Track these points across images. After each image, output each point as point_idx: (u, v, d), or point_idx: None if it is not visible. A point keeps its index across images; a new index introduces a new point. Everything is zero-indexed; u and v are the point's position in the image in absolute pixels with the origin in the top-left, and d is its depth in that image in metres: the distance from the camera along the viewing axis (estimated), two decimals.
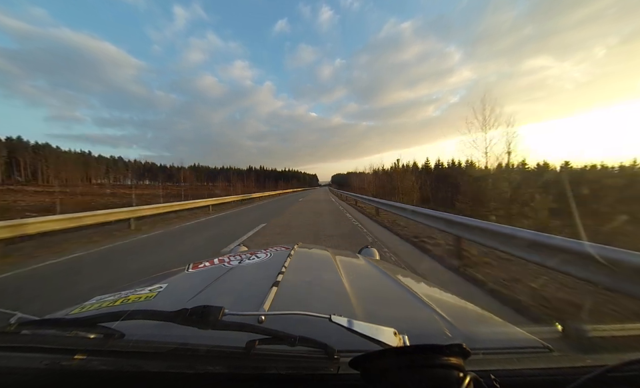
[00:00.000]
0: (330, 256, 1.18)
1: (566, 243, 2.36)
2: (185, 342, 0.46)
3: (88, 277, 3.90)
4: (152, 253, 5.31)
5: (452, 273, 3.75)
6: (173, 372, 0.43)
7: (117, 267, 4.33)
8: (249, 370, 0.44)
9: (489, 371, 0.42)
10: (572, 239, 2.35)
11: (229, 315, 0.47)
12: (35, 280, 3.77)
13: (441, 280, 3.44)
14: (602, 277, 2.01)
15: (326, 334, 0.47)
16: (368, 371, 0.38)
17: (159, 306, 0.69)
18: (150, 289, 0.79)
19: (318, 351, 0.45)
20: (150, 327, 0.52)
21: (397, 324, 0.50)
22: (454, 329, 0.61)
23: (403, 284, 0.92)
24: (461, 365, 0.37)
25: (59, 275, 3.97)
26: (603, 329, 0.70)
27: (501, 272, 3.54)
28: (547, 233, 2.69)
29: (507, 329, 0.68)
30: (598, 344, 0.66)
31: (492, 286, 3.10)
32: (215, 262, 1.04)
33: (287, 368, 0.43)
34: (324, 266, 1.11)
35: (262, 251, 1.22)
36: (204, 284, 0.80)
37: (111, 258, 4.93)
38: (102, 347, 0.46)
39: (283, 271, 0.85)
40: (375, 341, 0.45)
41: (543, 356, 0.55)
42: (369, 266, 1.16)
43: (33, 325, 0.51)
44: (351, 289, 0.80)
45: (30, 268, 4.27)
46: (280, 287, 0.72)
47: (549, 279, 3.09)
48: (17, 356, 0.45)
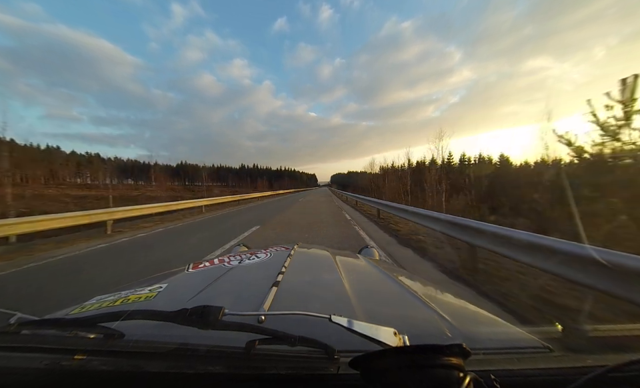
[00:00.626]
0: (330, 256, 1.18)
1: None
2: (185, 342, 0.46)
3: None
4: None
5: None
6: (172, 372, 0.43)
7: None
8: (249, 370, 0.44)
9: (489, 371, 0.42)
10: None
11: (229, 315, 0.47)
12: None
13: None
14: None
15: (326, 334, 0.47)
16: (368, 371, 0.38)
17: (159, 306, 0.69)
18: (150, 288, 0.79)
19: (318, 351, 0.45)
20: (150, 327, 0.52)
21: (397, 324, 0.50)
22: (454, 329, 0.61)
23: (402, 284, 0.92)
24: (461, 365, 0.37)
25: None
26: (603, 329, 0.70)
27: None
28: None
29: (507, 329, 0.68)
30: (598, 344, 0.66)
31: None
32: (215, 262, 1.04)
33: (286, 368, 0.43)
34: (324, 266, 1.11)
35: (262, 251, 1.22)
36: (204, 284, 0.80)
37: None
38: (102, 347, 0.46)
39: (282, 271, 0.85)
40: (374, 341, 0.45)
41: (543, 356, 0.55)
42: (369, 266, 1.16)
43: (33, 325, 0.51)
44: (351, 289, 0.80)
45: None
46: (280, 287, 0.72)
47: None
48: (17, 356, 0.45)
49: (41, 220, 6.32)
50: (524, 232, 2.72)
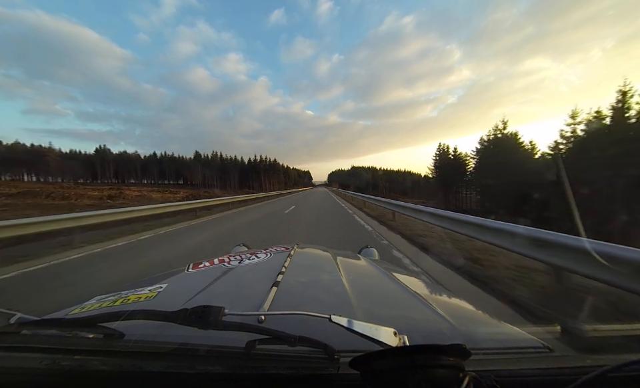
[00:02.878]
0: (330, 256, 1.18)
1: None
2: (185, 342, 0.46)
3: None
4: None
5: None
6: (173, 372, 0.43)
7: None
8: (248, 370, 0.44)
9: (489, 371, 0.42)
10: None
11: (229, 315, 0.47)
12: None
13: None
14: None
15: (326, 334, 0.47)
16: (368, 371, 0.38)
17: (159, 306, 0.69)
18: (150, 289, 0.79)
19: (318, 351, 0.45)
20: (150, 327, 0.52)
21: (397, 324, 0.50)
22: (454, 329, 0.61)
23: (402, 284, 0.92)
24: (461, 365, 0.37)
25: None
26: (603, 329, 0.70)
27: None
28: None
29: (507, 329, 0.68)
30: (598, 344, 0.66)
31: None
32: (214, 262, 1.04)
33: (286, 368, 0.43)
34: (324, 266, 1.11)
35: (262, 251, 1.22)
36: (204, 284, 0.80)
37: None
38: (102, 347, 0.47)
39: (283, 271, 0.85)
40: (374, 341, 0.45)
41: (543, 356, 0.56)
42: (369, 266, 1.16)
43: (33, 325, 0.51)
44: (351, 289, 0.80)
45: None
46: (280, 287, 0.72)
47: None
48: (17, 356, 0.45)
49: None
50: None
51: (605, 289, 2.37)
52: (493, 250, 4.28)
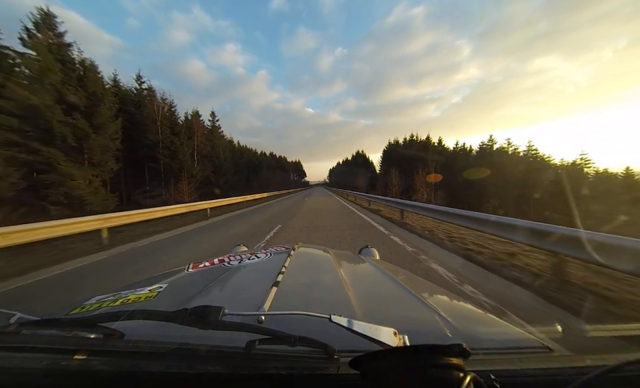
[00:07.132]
0: (330, 256, 1.18)
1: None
2: (185, 342, 0.46)
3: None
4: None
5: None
6: (173, 372, 0.43)
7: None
8: (249, 370, 0.44)
9: (489, 371, 0.42)
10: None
11: (229, 315, 0.47)
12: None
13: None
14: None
15: (326, 334, 0.47)
16: (368, 371, 0.38)
17: (159, 306, 0.69)
18: (150, 289, 0.79)
19: (318, 351, 0.45)
20: (150, 327, 0.52)
21: (397, 324, 0.50)
22: (454, 329, 0.61)
23: (402, 284, 0.92)
24: (461, 365, 0.37)
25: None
26: (603, 329, 0.70)
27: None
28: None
29: (507, 329, 0.68)
30: (598, 344, 0.66)
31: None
32: (214, 262, 1.04)
33: (286, 368, 0.43)
34: (324, 266, 1.11)
35: (262, 251, 1.22)
36: (204, 284, 0.80)
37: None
38: (102, 347, 0.46)
39: (283, 271, 0.85)
40: (374, 341, 0.45)
41: (543, 356, 0.56)
42: (369, 266, 1.16)
43: (33, 325, 0.51)
44: (351, 289, 0.80)
45: None
46: (280, 287, 0.72)
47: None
48: (17, 356, 0.45)
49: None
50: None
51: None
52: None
